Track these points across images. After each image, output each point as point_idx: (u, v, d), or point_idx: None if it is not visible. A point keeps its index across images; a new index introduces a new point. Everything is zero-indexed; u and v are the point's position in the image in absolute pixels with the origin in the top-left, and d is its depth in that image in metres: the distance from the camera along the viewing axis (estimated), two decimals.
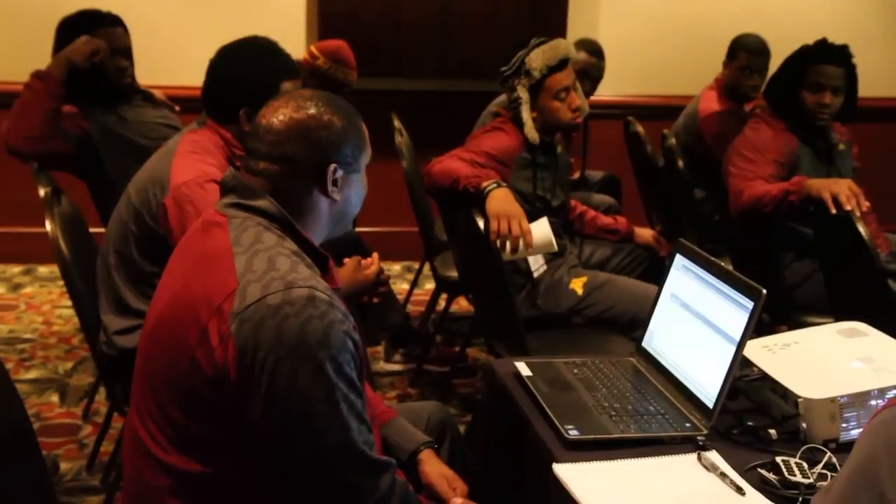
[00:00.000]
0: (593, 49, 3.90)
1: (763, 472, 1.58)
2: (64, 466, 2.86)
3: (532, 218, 2.62)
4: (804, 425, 1.69)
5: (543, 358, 2.05)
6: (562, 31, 4.67)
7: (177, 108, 3.32)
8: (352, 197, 1.60)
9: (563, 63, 2.82)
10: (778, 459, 1.59)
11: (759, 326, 1.84)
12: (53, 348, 3.73)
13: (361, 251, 2.44)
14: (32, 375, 3.47)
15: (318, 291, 1.41)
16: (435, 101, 4.70)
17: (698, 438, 1.69)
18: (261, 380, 1.38)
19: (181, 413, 1.45)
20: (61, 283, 3.11)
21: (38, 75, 2.90)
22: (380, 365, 3.64)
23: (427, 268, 4.04)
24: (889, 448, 1.12)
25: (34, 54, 3.20)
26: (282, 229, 1.50)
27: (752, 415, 1.78)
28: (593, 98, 3.90)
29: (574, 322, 2.84)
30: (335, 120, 1.54)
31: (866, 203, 2.75)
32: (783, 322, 3.09)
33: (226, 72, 2.26)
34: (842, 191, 2.75)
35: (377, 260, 2.29)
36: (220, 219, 1.52)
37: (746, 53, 3.92)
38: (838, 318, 2.23)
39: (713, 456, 1.64)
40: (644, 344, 2.04)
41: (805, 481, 1.53)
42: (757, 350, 1.88)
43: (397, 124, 3.82)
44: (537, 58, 2.78)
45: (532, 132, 2.83)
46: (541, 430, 1.73)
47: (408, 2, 4.63)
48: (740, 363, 1.77)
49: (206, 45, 2.44)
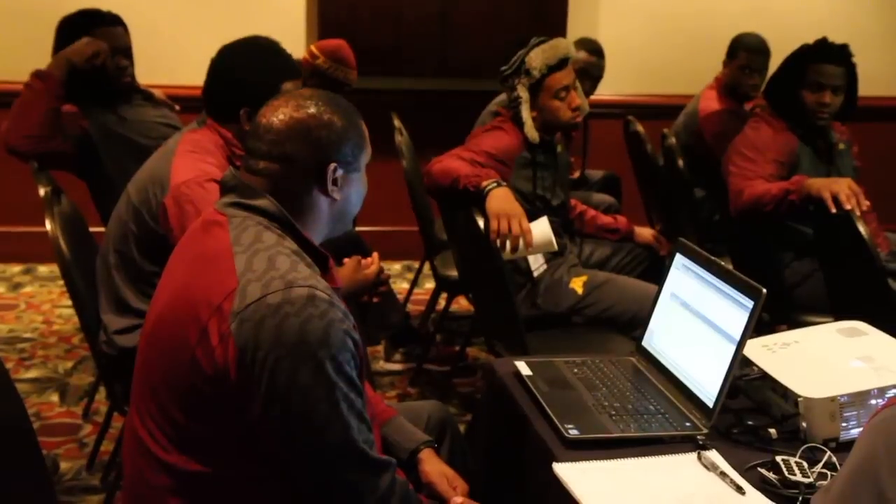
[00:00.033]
0: (593, 48, 3.90)
1: (763, 472, 1.58)
2: (64, 466, 2.86)
3: (532, 217, 2.61)
4: (804, 424, 1.69)
5: (543, 357, 2.05)
6: (562, 31, 4.67)
7: (177, 108, 3.33)
8: (352, 196, 1.60)
9: (563, 62, 2.82)
10: (778, 459, 1.59)
11: (759, 326, 1.84)
12: (53, 348, 3.73)
13: (361, 250, 2.44)
14: (32, 375, 3.47)
15: (318, 291, 1.41)
16: (435, 101, 4.70)
17: (698, 438, 1.69)
18: (261, 379, 1.38)
19: (181, 412, 1.45)
20: (61, 283, 3.11)
21: (39, 75, 2.90)
22: (380, 364, 3.64)
23: (427, 267, 4.04)
24: (889, 447, 1.12)
25: (34, 54, 3.20)
26: (282, 228, 1.50)
27: (752, 414, 1.79)
28: (593, 97, 3.90)
29: (574, 321, 2.85)
30: (335, 119, 1.54)
31: (866, 202, 2.75)
32: (783, 321, 3.09)
33: (227, 71, 2.26)
34: (842, 190, 2.75)
35: (377, 259, 2.30)
36: (220, 218, 1.52)
37: (746, 52, 3.92)
38: (838, 318, 2.23)
39: (713, 455, 1.64)
40: (644, 343, 2.04)
41: (805, 480, 1.53)
42: (757, 349, 1.88)
43: (397, 124, 3.82)
44: (537, 57, 2.78)
45: (532, 131, 2.83)
46: (541, 430, 1.73)
47: (408, 1, 4.63)
48: (740, 362, 1.77)
49: (206, 45, 2.44)
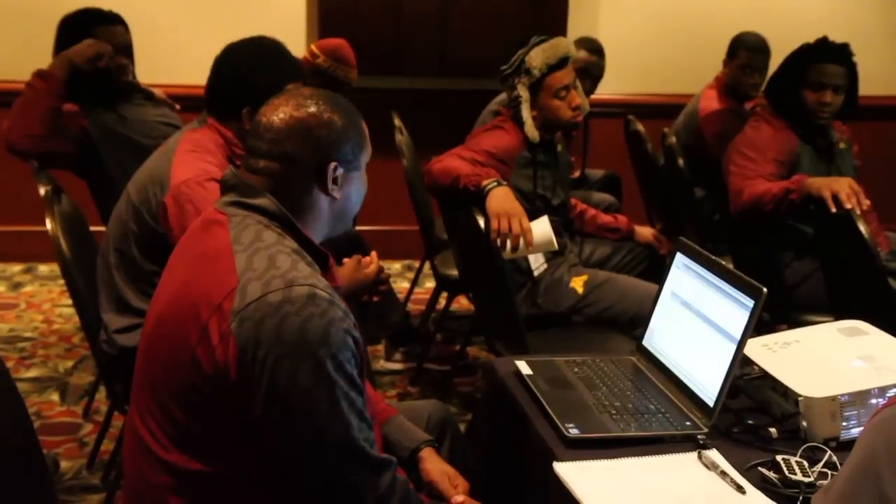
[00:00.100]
0: (593, 47, 3.90)
1: (763, 471, 1.58)
2: (64, 465, 2.86)
3: (532, 216, 2.61)
4: (804, 424, 1.69)
5: (544, 356, 2.05)
6: (562, 30, 4.67)
7: (177, 107, 3.33)
8: (352, 195, 1.60)
9: (564, 61, 2.82)
10: (778, 458, 1.59)
11: (760, 325, 1.84)
12: (54, 347, 3.73)
13: (362, 250, 2.44)
14: (33, 374, 3.47)
15: (319, 289, 1.41)
16: (435, 100, 4.70)
17: (699, 437, 1.69)
18: (261, 378, 1.38)
19: (181, 411, 1.45)
20: (61, 282, 3.11)
21: (40, 74, 2.90)
22: (380, 364, 3.64)
23: (427, 266, 4.04)
24: (889, 447, 1.12)
25: (35, 53, 3.21)
26: (282, 227, 1.50)
27: (753, 413, 1.79)
28: (593, 97, 3.90)
29: (574, 321, 2.84)
30: (335, 118, 1.54)
31: (866, 201, 2.74)
32: (783, 321, 3.09)
33: (231, 70, 2.26)
34: (842, 189, 2.75)
35: (376, 258, 2.29)
36: (220, 217, 1.52)
37: (747, 52, 3.91)
38: (839, 317, 2.23)
39: (713, 454, 1.64)
40: (644, 342, 2.04)
41: (805, 480, 1.53)
42: (757, 349, 1.88)
43: (397, 123, 3.82)
44: (537, 56, 2.78)
45: (532, 131, 2.83)
46: (541, 429, 1.73)
47: (408, 0, 4.63)
48: (741, 362, 1.77)
49: (207, 44, 2.44)
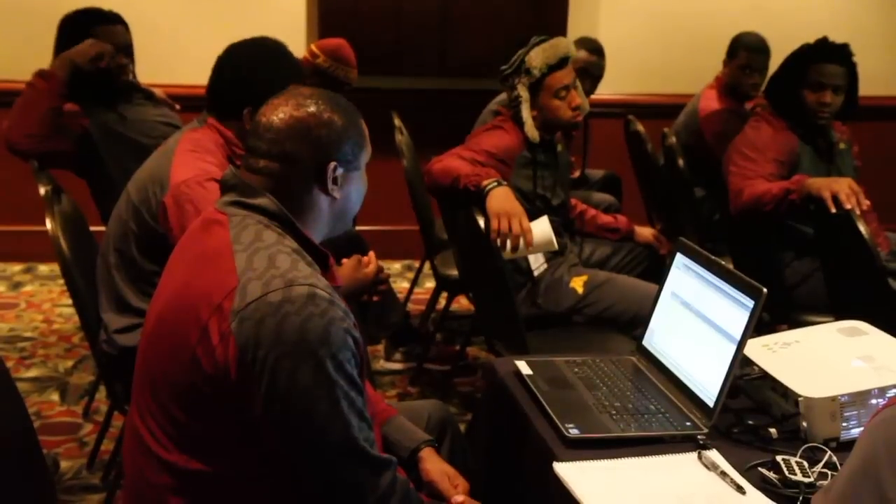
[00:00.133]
0: (593, 47, 3.90)
1: (763, 471, 1.58)
2: (64, 465, 2.86)
3: (532, 216, 2.61)
4: (805, 424, 1.69)
5: (544, 356, 2.05)
6: (562, 30, 4.67)
7: (177, 107, 3.33)
8: (352, 195, 1.60)
9: (564, 61, 2.81)
10: (778, 458, 1.59)
11: (760, 325, 1.84)
12: (54, 347, 3.73)
13: (361, 249, 2.44)
14: (33, 374, 3.47)
15: (319, 289, 1.41)
16: (435, 100, 4.70)
17: (699, 437, 1.69)
18: (261, 378, 1.38)
19: (182, 411, 1.45)
20: (61, 282, 3.11)
21: (42, 74, 2.90)
22: (380, 364, 3.64)
23: (427, 266, 4.04)
24: (890, 447, 1.12)
25: (35, 53, 3.21)
26: (282, 227, 1.50)
27: (753, 414, 1.79)
28: (593, 97, 3.90)
29: (574, 321, 2.84)
30: (335, 118, 1.54)
31: (866, 202, 2.75)
32: (783, 321, 3.09)
33: (233, 70, 2.25)
34: (842, 189, 2.75)
35: (374, 258, 2.29)
36: (220, 217, 1.52)
37: (747, 52, 3.91)
38: (838, 317, 2.23)
39: (713, 455, 1.64)
40: (644, 343, 2.04)
41: (805, 480, 1.53)
42: (757, 349, 1.88)
43: (397, 123, 3.82)
44: (537, 56, 2.78)
45: (532, 131, 2.83)
46: (541, 429, 1.73)
47: (408, 0, 4.63)
48: (741, 362, 1.77)
49: (207, 44, 2.44)
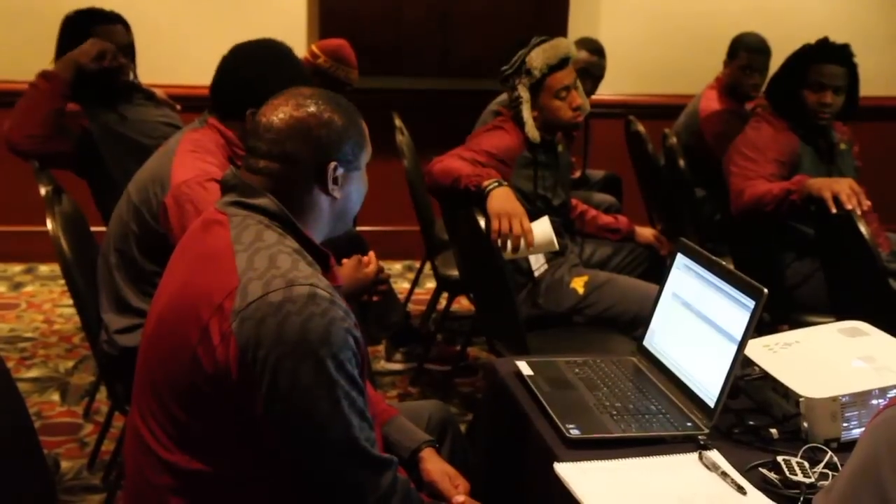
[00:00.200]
0: (594, 48, 3.90)
1: (764, 472, 1.58)
2: (65, 465, 2.86)
3: (533, 217, 2.61)
4: (805, 425, 1.69)
5: (544, 357, 2.05)
6: (563, 30, 4.67)
7: (178, 107, 3.33)
8: (352, 195, 1.60)
9: (564, 62, 2.81)
10: (779, 459, 1.59)
11: (761, 326, 1.84)
12: (54, 347, 3.73)
13: (361, 250, 2.43)
14: (33, 374, 3.47)
15: (320, 289, 1.41)
16: (436, 100, 4.70)
17: (699, 438, 1.69)
18: (262, 377, 1.38)
19: (182, 411, 1.45)
20: (62, 282, 3.11)
21: (45, 76, 2.89)
22: (381, 364, 3.64)
23: (428, 267, 4.04)
24: (891, 447, 1.12)
25: (35, 53, 3.21)
26: (282, 227, 1.50)
27: (754, 414, 1.78)
28: (594, 97, 3.90)
29: (575, 321, 2.84)
30: (335, 118, 1.54)
31: (867, 202, 2.75)
32: (784, 321, 3.09)
33: (238, 70, 2.25)
34: (843, 190, 2.75)
35: (374, 258, 2.29)
36: (221, 217, 1.52)
37: (747, 52, 3.91)
38: (839, 318, 2.23)
39: (714, 455, 1.64)
40: (645, 343, 2.04)
41: (806, 481, 1.53)
42: (758, 349, 1.88)
43: (398, 123, 3.82)
44: (538, 57, 2.78)
45: (533, 131, 2.83)
46: (542, 429, 1.73)
47: (408, 1, 4.63)
48: (741, 362, 1.77)
49: (208, 45, 2.45)
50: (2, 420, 1.56)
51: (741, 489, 1.54)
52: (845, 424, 1.67)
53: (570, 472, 1.58)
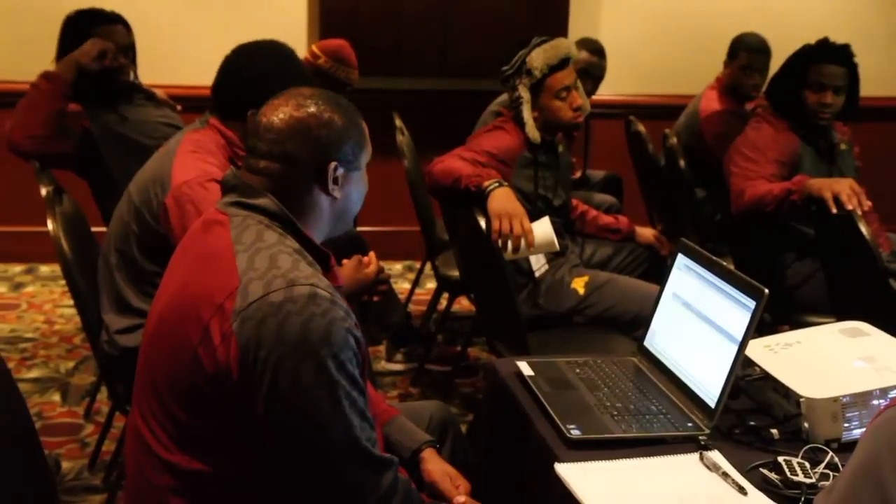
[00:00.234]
0: (594, 48, 3.90)
1: (765, 472, 1.58)
2: (66, 466, 2.86)
3: (533, 217, 2.61)
4: (806, 425, 1.69)
5: (545, 357, 2.05)
6: (563, 31, 4.67)
7: (178, 108, 3.33)
8: (352, 195, 1.60)
9: (565, 62, 2.81)
10: (780, 459, 1.59)
11: (761, 326, 1.84)
12: (55, 347, 3.73)
13: (362, 250, 2.43)
14: (34, 374, 3.48)
15: (320, 289, 1.41)
16: (436, 101, 4.70)
17: (700, 438, 1.69)
18: (263, 377, 1.38)
19: (183, 411, 1.45)
20: (63, 283, 3.11)
21: (46, 76, 2.90)
22: (381, 364, 3.64)
23: (428, 267, 4.04)
24: (891, 448, 1.12)
25: (35, 53, 3.21)
26: (283, 227, 1.50)
27: (754, 414, 1.78)
28: (594, 97, 3.90)
29: (576, 321, 2.84)
30: (335, 118, 1.54)
31: (868, 202, 2.75)
32: (785, 322, 3.08)
33: (241, 71, 2.25)
34: (843, 190, 2.75)
35: (375, 259, 2.29)
36: (221, 217, 1.52)
37: (747, 52, 3.91)
38: (840, 318, 2.23)
39: (715, 455, 1.64)
40: (646, 343, 2.04)
41: (807, 481, 1.53)
42: (759, 350, 1.88)
43: (398, 123, 3.82)
44: (538, 57, 2.78)
45: (533, 131, 2.83)
46: (542, 430, 1.73)
47: (409, 0, 4.63)
48: (742, 363, 1.77)
49: (208, 45, 2.45)
50: (2, 420, 1.56)
51: (742, 490, 1.54)
52: (846, 425, 1.67)
53: (571, 473, 1.58)
